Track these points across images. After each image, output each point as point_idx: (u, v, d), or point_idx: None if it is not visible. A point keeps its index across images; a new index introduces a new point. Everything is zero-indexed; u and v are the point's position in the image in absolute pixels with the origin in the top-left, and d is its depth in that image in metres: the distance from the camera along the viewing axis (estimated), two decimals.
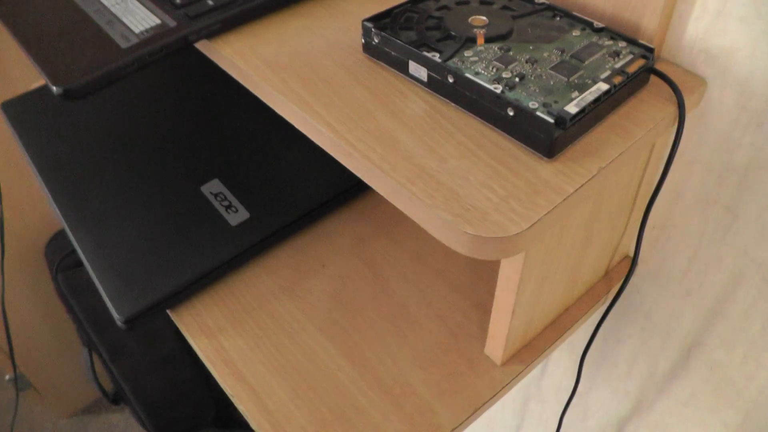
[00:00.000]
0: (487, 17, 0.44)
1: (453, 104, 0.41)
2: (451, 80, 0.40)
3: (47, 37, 0.48)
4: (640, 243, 0.49)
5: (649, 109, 0.40)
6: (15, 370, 0.90)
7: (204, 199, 0.60)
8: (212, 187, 0.61)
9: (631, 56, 0.40)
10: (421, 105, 0.41)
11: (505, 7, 0.45)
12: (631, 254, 0.57)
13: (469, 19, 0.44)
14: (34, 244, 1.12)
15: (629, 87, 0.40)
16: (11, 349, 0.89)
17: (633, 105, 0.41)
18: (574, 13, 0.44)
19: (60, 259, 1.05)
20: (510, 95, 0.38)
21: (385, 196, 0.38)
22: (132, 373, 1.12)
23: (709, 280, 0.52)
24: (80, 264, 1.06)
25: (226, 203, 0.59)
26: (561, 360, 0.73)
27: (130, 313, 0.53)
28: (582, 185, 0.36)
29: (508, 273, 0.43)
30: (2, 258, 0.78)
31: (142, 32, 0.47)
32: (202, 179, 0.62)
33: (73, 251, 1.06)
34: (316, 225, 0.61)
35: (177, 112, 0.72)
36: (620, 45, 0.41)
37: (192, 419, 1.21)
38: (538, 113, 0.36)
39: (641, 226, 0.48)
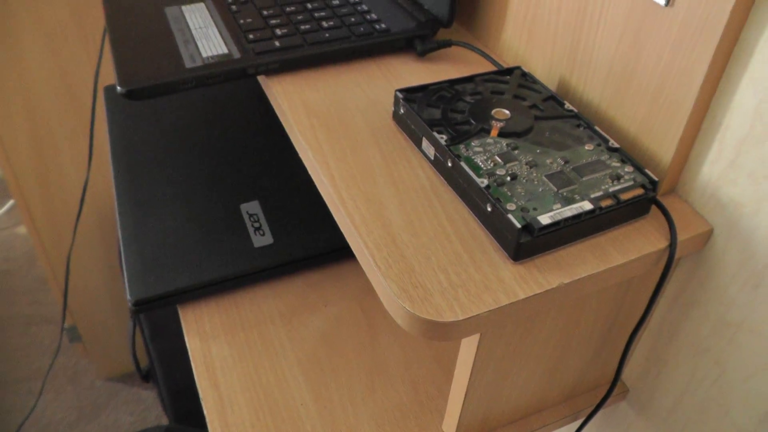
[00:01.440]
0: (510, 112, 0.46)
1: (449, 187, 0.43)
2: (449, 164, 0.42)
3: (132, 42, 0.55)
4: (621, 370, 0.49)
5: (639, 240, 0.41)
6: (63, 323, 0.99)
7: (240, 216, 0.65)
8: (250, 207, 0.66)
9: (631, 183, 0.41)
10: (422, 180, 0.44)
11: (534, 106, 0.47)
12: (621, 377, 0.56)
13: (493, 111, 0.46)
14: (111, 212, 1.23)
15: (622, 213, 0.41)
16: (65, 302, 0.98)
17: (625, 232, 0.42)
18: (596, 128, 0.45)
19: None
20: (494, 192, 0.40)
21: (355, 254, 0.41)
22: (167, 356, 1.19)
23: (691, 429, 0.50)
24: None
25: (257, 225, 0.64)
26: None
27: (139, 297, 0.58)
28: (535, 294, 0.37)
29: (465, 356, 0.44)
30: (78, 217, 0.87)
31: (208, 57, 0.52)
32: (244, 197, 0.67)
33: None
34: (331, 266, 0.64)
35: (249, 131, 0.78)
36: (626, 170, 0.42)
37: None
38: (510, 216, 0.38)
39: (623, 353, 0.47)
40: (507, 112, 0.46)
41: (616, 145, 0.44)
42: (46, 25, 1.02)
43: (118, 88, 0.50)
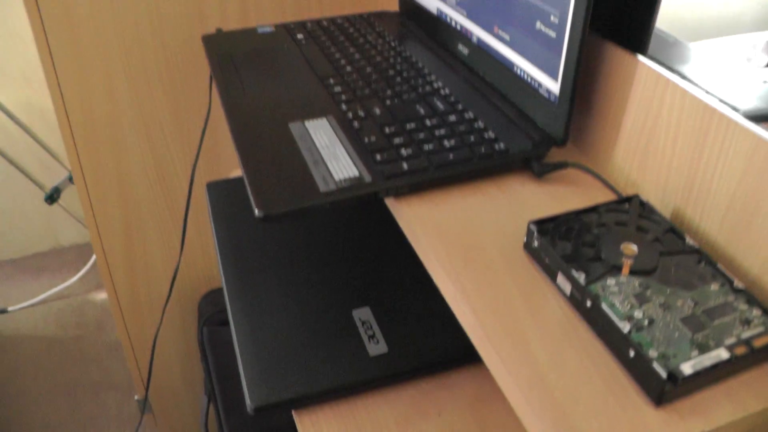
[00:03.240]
0: (637, 247, 0.52)
1: (586, 324, 0.49)
2: (588, 304, 0.48)
3: (262, 161, 0.61)
4: None
5: None
6: (147, 395, 1.05)
7: (352, 322, 0.72)
8: (362, 314, 0.73)
9: (761, 329, 0.46)
10: (559, 315, 0.49)
11: (657, 240, 0.53)
12: None
13: (621, 246, 0.52)
14: (194, 292, 1.31)
15: (755, 358, 0.46)
16: (150, 376, 1.05)
17: (757, 375, 0.46)
18: (719, 266, 0.50)
19: (210, 314, 1.22)
20: (635, 337, 0.45)
21: (502, 390, 0.46)
22: None
23: None
24: (224, 323, 1.22)
25: (370, 332, 0.70)
26: None
27: (260, 403, 0.64)
28: None
29: None
30: (168, 298, 0.94)
31: (341, 180, 0.59)
32: (356, 303, 0.74)
33: (222, 310, 1.23)
34: (445, 373, 0.70)
35: (357, 239, 0.85)
36: (754, 313, 0.47)
37: None
38: (655, 365, 0.43)
39: None
40: (634, 247, 0.52)
41: (741, 286, 0.49)
42: (146, 117, 1.11)
43: (256, 211, 0.56)
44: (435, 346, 0.69)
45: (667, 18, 0.58)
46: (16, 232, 1.98)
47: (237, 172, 0.96)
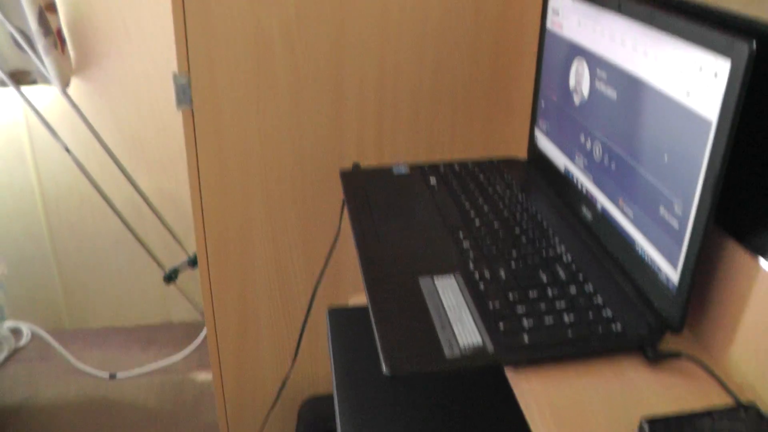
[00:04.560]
0: None
1: None
2: None
3: (392, 318, 0.67)
4: None
5: None
6: None
7: None
8: None
9: None
10: None
11: None
12: None
13: None
14: (296, 396, 1.38)
15: None
16: None
17: None
18: None
19: (310, 420, 1.28)
20: None
21: None
22: None
23: None
24: (320, 431, 1.28)
25: None
26: None
27: None
28: None
29: None
30: (273, 406, 1.00)
31: (465, 347, 0.63)
32: None
33: (322, 419, 1.29)
34: None
35: (470, 386, 0.89)
36: None
37: None
38: None
39: None
40: None
41: None
42: (276, 231, 1.21)
43: (384, 369, 0.61)
44: None
45: None
46: (134, 303, 2.13)
47: (356, 297, 1.03)
